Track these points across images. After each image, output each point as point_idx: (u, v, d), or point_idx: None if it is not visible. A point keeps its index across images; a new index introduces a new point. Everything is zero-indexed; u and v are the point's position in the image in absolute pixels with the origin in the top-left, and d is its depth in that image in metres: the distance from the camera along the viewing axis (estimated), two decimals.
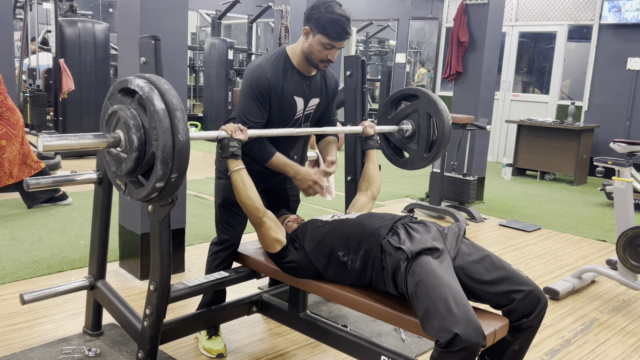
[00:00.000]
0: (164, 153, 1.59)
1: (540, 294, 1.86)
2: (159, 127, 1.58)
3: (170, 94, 1.63)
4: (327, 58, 2.22)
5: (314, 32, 2.19)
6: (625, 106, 7.38)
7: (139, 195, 1.71)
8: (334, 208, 5.02)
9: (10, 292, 2.92)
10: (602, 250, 4.30)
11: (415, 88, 2.70)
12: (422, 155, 2.66)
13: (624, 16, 7.22)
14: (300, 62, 2.28)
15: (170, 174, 1.62)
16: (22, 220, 4.13)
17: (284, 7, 7.15)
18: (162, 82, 1.66)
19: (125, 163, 1.69)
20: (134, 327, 2.13)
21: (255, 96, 2.20)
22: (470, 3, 5.43)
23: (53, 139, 1.61)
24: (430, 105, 2.60)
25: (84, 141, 1.67)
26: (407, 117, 2.69)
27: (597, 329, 2.92)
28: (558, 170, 7.14)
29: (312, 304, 2.90)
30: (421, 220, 2.02)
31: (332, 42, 2.17)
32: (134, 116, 1.65)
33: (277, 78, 2.23)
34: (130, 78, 1.68)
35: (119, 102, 1.72)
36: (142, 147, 1.65)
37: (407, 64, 9.82)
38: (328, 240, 2.04)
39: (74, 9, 7.08)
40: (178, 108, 1.62)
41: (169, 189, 1.66)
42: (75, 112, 6.70)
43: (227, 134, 2.00)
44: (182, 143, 1.60)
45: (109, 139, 1.70)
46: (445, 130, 2.57)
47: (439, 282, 1.70)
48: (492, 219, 5.10)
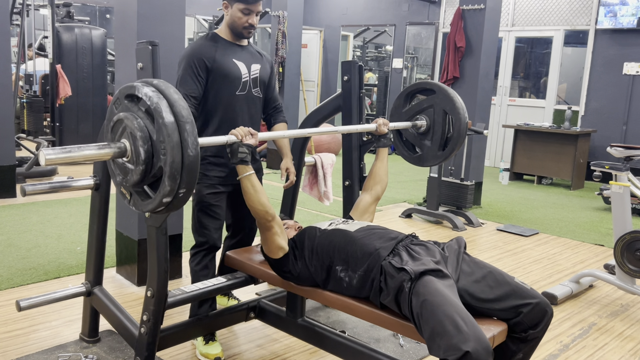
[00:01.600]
0: (172, 169, 1.51)
1: (547, 306, 1.85)
2: (167, 142, 1.50)
3: (179, 105, 1.54)
4: (249, 23, 2.45)
5: (232, 3, 2.43)
6: (622, 111, 7.40)
7: (145, 208, 1.64)
8: (332, 213, 5.02)
9: (7, 298, 2.90)
10: (600, 255, 4.31)
11: (432, 82, 2.63)
12: (435, 153, 2.61)
13: (619, 21, 7.25)
14: (228, 35, 2.52)
15: (178, 189, 1.55)
16: (19, 226, 4.12)
17: (281, 13, 7.15)
18: (171, 90, 1.57)
19: (131, 175, 1.62)
20: (131, 333, 2.12)
21: (187, 69, 2.39)
22: (467, 8, 5.45)
23: (55, 152, 1.52)
24: (447, 101, 2.54)
25: (87, 152, 1.59)
26: (421, 112, 2.62)
27: (596, 333, 2.91)
28: (555, 175, 7.15)
29: (310, 310, 2.89)
30: (422, 242, 2.01)
31: (249, 7, 2.42)
32: (141, 127, 1.56)
33: (209, 49, 2.44)
34: (138, 85, 1.59)
35: (125, 108, 1.64)
36: (149, 161, 1.57)
37: (404, 69, 9.84)
38: (326, 254, 2.02)
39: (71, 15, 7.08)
40: (188, 121, 1.53)
41: (177, 203, 1.60)
42: (72, 118, 6.69)
43: (237, 138, 1.94)
44: (191, 158, 1.52)
45: (114, 149, 1.61)
46: (462, 128, 2.52)
47: (444, 300, 1.67)
48: (490, 223, 5.10)
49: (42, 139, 5.96)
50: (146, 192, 1.64)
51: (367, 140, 2.70)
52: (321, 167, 3.01)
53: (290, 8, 7.20)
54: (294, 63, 7.40)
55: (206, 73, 2.41)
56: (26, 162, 5.75)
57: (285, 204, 2.97)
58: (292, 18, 7.25)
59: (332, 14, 10.66)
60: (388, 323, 1.88)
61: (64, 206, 4.76)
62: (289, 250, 2.10)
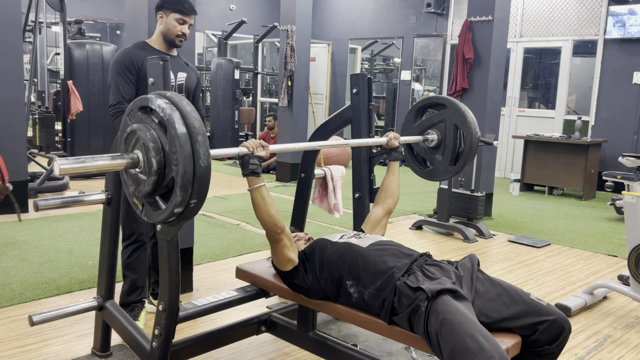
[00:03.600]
0: (183, 179, 1.53)
1: (565, 322, 1.82)
2: (179, 153, 1.52)
3: (192, 117, 1.56)
4: (182, 32, 2.66)
5: (167, 13, 2.63)
6: (633, 120, 7.36)
7: (157, 219, 1.66)
8: (342, 225, 5.01)
9: (19, 313, 2.92)
10: (614, 266, 4.26)
11: (443, 97, 2.64)
12: (447, 167, 2.60)
13: (628, 31, 7.23)
14: (159, 44, 2.70)
15: (189, 199, 1.56)
16: (31, 241, 4.14)
17: (289, 27, 7.20)
18: (184, 102, 1.60)
19: (143, 185, 1.64)
20: (143, 347, 2.12)
21: (120, 72, 2.58)
22: (475, 20, 5.46)
23: (69, 162, 1.54)
24: (458, 116, 2.54)
25: (101, 163, 1.61)
26: (432, 126, 2.62)
27: (611, 345, 2.87)
28: (566, 185, 7.10)
29: (322, 323, 2.88)
30: (436, 262, 2.00)
31: (184, 17, 2.63)
32: (153, 138, 1.59)
33: (138, 55, 2.62)
34: (151, 97, 1.62)
35: (138, 120, 1.67)
36: (161, 171, 1.59)
37: (412, 81, 9.85)
38: (336, 268, 2.02)
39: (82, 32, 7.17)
40: (200, 132, 1.55)
41: (187, 214, 1.62)
42: (83, 133, 6.75)
43: (248, 150, 1.96)
44: (202, 169, 1.54)
45: (127, 160, 1.64)
46: (473, 143, 2.52)
47: (464, 319, 1.66)
48: (501, 235, 5.07)
49: (54, 154, 6.01)
50: (158, 202, 1.66)
51: (377, 153, 2.70)
52: (331, 180, 3.01)
53: (298, 22, 7.25)
54: (302, 76, 7.43)
55: (136, 76, 2.59)
56: (38, 178, 5.80)
57: (295, 216, 2.97)
58: (301, 32, 7.30)
59: (340, 27, 10.72)
60: (400, 336, 1.87)
61: (75, 221, 4.79)
62: (299, 263, 2.09)
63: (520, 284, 3.67)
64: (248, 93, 10.17)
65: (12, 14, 4.78)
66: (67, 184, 5.91)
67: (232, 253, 4.10)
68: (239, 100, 9.34)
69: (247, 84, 10.36)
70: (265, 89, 11.61)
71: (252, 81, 10.27)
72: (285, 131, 7.48)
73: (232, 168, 8.42)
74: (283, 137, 7.51)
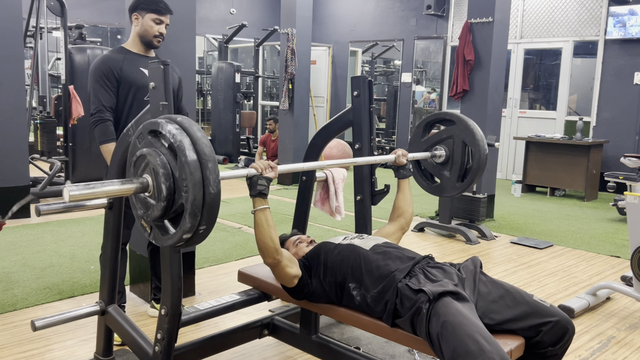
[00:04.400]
0: (193, 206, 1.52)
1: (568, 324, 1.82)
2: (189, 180, 1.51)
3: (202, 143, 1.55)
4: (159, 32, 2.64)
5: (143, 14, 2.62)
6: (634, 120, 7.35)
7: (165, 243, 1.65)
8: (344, 228, 5.00)
9: (22, 318, 2.92)
10: (617, 267, 4.25)
11: (451, 113, 2.61)
12: (454, 184, 2.58)
13: (629, 31, 7.23)
14: (136, 46, 2.69)
15: (198, 226, 1.56)
16: (33, 246, 4.15)
17: (290, 30, 7.21)
18: (194, 128, 1.58)
19: (152, 210, 1.63)
20: (146, 352, 2.12)
21: (98, 80, 2.58)
22: (475, 22, 5.46)
23: (78, 188, 1.54)
24: (467, 133, 2.52)
25: (111, 188, 1.60)
26: (441, 142, 2.60)
27: (615, 347, 2.86)
28: (568, 186, 7.10)
29: (324, 326, 2.87)
30: (439, 264, 2.00)
31: (159, 17, 2.61)
32: (163, 164, 1.57)
33: (116, 60, 2.62)
34: (162, 122, 1.60)
35: (148, 144, 1.65)
36: (170, 197, 1.58)
37: (412, 83, 9.86)
38: (339, 270, 2.01)
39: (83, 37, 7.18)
40: (210, 159, 1.54)
41: (196, 239, 1.61)
42: (84, 138, 6.74)
43: (257, 171, 1.94)
44: (212, 196, 1.53)
45: (137, 184, 1.63)
46: (481, 160, 2.49)
47: (466, 321, 1.66)
48: (503, 236, 5.06)
49: (56, 159, 6.01)
50: (166, 226, 1.65)
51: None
52: (332, 182, 3.01)
53: (298, 25, 7.26)
54: (303, 79, 7.44)
55: (116, 82, 2.60)
56: (40, 183, 5.81)
57: (297, 219, 2.96)
58: (301, 35, 7.31)
59: (341, 30, 10.74)
60: (403, 339, 1.86)
61: (77, 225, 4.79)
62: (302, 273, 2.08)
63: (523, 286, 3.66)
64: (249, 96, 10.18)
65: (13, 19, 4.79)
66: None
67: (234, 257, 4.09)
68: (240, 104, 9.35)
69: (248, 88, 10.38)
70: (266, 92, 11.63)
71: (253, 84, 10.29)
72: (286, 134, 7.48)
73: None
74: (284, 140, 7.51)
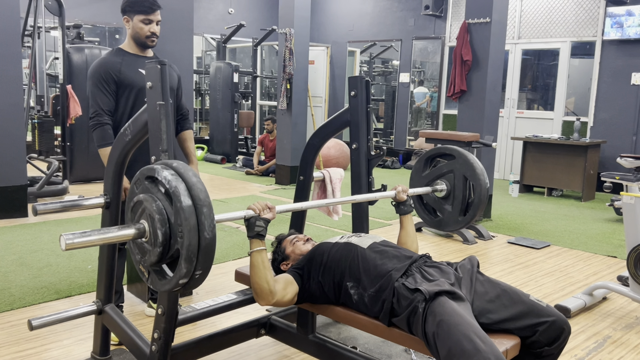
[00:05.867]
0: (188, 252, 1.53)
1: (564, 323, 1.82)
2: (184, 225, 1.53)
3: (197, 188, 1.56)
4: (151, 32, 2.64)
5: (132, 17, 2.62)
6: (631, 121, 7.37)
7: (162, 288, 1.67)
8: (341, 228, 5.01)
9: (19, 318, 2.92)
10: (613, 267, 4.26)
11: (452, 148, 2.62)
12: (456, 218, 2.58)
13: (626, 32, 7.25)
14: (132, 47, 2.70)
15: (194, 271, 1.57)
16: (30, 245, 4.14)
17: (288, 30, 7.21)
18: (189, 174, 1.59)
19: (149, 255, 1.64)
20: (142, 351, 2.12)
21: (97, 83, 2.58)
22: (473, 22, 5.47)
23: (75, 236, 1.53)
24: (467, 167, 2.53)
25: (108, 235, 1.61)
26: (442, 176, 2.61)
27: (611, 346, 2.87)
28: (565, 187, 7.11)
29: (321, 326, 2.88)
30: (436, 264, 2.00)
31: (148, 17, 2.61)
32: (159, 210, 1.59)
33: (114, 63, 2.62)
34: (158, 168, 1.62)
35: (145, 189, 1.66)
36: (166, 243, 1.59)
37: (410, 83, 9.87)
38: (337, 268, 2.02)
39: (81, 36, 7.18)
40: (205, 204, 1.55)
41: (193, 284, 1.63)
42: (82, 137, 6.75)
43: (254, 212, 1.91)
44: (207, 240, 1.54)
45: (134, 230, 1.64)
46: (482, 194, 2.50)
47: (461, 320, 1.66)
48: (501, 236, 5.07)
49: (53, 159, 6.01)
50: (163, 271, 1.67)
51: (375, 155, 2.70)
52: (330, 182, 3.02)
53: (297, 25, 7.27)
54: (301, 79, 7.44)
55: (115, 85, 2.59)
56: (37, 182, 5.81)
57: (294, 219, 2.97)
58: (299, 35, 7.32)
59: (339, 30, 10.74)
60: (399, 338, 1.87)
61: (74, 225, 4.79)
62: (299, 285, 2.06)
63: (520, 286, 3.67)
64: (247, 96, 10.19)
65: (11, 18, 4.79)
66: (66, 188, 5.91)
67: (232, 256, 4.10)
68: (238, 104, 9.35)
69: (246, 87, 10.38)
70: (264, 92, 11.63)
71: (251, 84, 10.29)
72: (284, 134, 7.49)
73: (231, 171, 8.43)
74: (282, 140, 7.52)
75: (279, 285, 1.99)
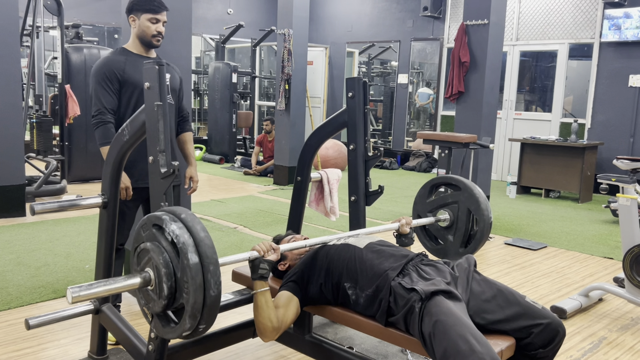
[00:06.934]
0: (193, 309, 1.53)
1: (559, 326, 1.83)
2: (190, 283, 1.52)
3: (205, 244, 1.55)
4: (157, 31, 2.63)
5: (138, 16, 2.62)
6: (629, 123, 7.39)
7: (166, 336, 1.68)
8: (339, 228, 5.02)
9: (16, 317, 2.92)
10: (609, 268, 4.27)
11: (457, 179, 2.61)
12: (457, 250, 2.58)
13: (624, 34, 7.27)
14: (136, 47, 2.69)
15: (198, 325, 1.57)
16: (28, 244, 4.15)
17: (286, 31, 7.22)
18: (197, 228, 1.58)
19: (153, 304, 1.64)
20: (139, 351, 2.12)
21: (101, 82, 2.58)
22: (471, 24, 5.49)
23: (82, 289, 1.53)
24: (472, 201, 2.53)
25: (115, 286, 1.60)
26: (446, 205, 2.61)
27: (606, 347, 2.89)
28: (563, 188, 7.13)
29: (318, 326, 2.89)
30: (432, 262, 2.01)
31: (155, 16, 2.61)
32: (166, 263, 1.58)
33: (118, 62, 2.63)
34: (166, 219, 1.60)
35: (151, 237, 1.65)
36: (172, 296, 1.59)
37: (409, 84, 9.89)
38: (336, 269, 2.02)
39: (80, 36, 7.18)
40: (212, 261, 1.55)
41: (195, 334, 1.64)
42: (81, 137, 6.75)
43: (258, 254, 1.92)
44: (213, 298, 1.54)
45: (140, 279, 1.63)
46: (485, 229, 2.49)
47: (457, 320, 1.67)
48: (498, 237, 5.08)
49: (52, 158, 6.02)
50: (168, 318, 1.67)
51: (373, 156, 2.71)
52: (327, 183, 3.03)
53: (295, 26, 7.28)
54: (300, 80, 7.45)
55: (118, 84, 2.60)
56: (35, 181, 5.81)
57: (292, 219, 2.98)
58: (298, 36, 7.33)
59: (338, 31, 10.76)
60: (396, 339, 1.88)
61: (72, 224, 4.79)
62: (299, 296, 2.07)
63: (517, 287, 3.68)
64: (246, 97, 10.19)
65: (9, 18, 4.79)
66: (64, 188, 5.91)
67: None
68: (237, 104, 9.35)
69: (245, 88, 10.39)
70: (263, 93, 11.64)
71: (249, 85, 10.29)
72: (282, 135, 7.50)
73: (230, 171, 8.44)
74: (280, 141, 7.52)
75: (280, 312, 1.99)
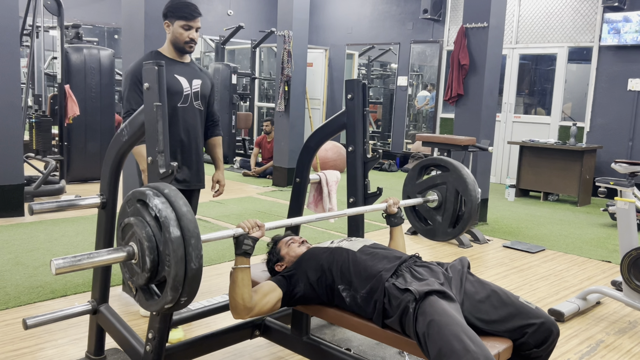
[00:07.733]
0: (175, 281, 1.57)
1: (552, 325, 1.84)
2: (172, 256, 1.56)
3: (187, 219, 1.59)
4: (190, 38, 2.68)
5: (172, 22, 2.66)
6: (627, 127, 7.40)
7: (148, 308, 1.70)
8: (337, 230, 5.02)
9: (14, 317, 2.92)
10: (607, 271, 4.28)
11: (446, 160, 2.64)
12: (445, 230, 2.62)
13: (623, 38, 7.28)
14: (170, 52, 2.73)
15: (179, 297, 1.60)
16: (26, 244, 4.14)
17: (286, 32, 7.23)
18: (180, 202, 1.61)
19: (137, 277, 1.67)
20: (137, 351, 2.12)
21: (132, 84, 2.63)
22: (470, 26, 5.49)
23: (65, 261, 1.55)
24: (460, 182, 2.56)
25: (98, 259, 1.63)
26: (435, 186, 2.65)
27: (604, 351, 2.89)
28: (561, 191, 7.13)
29: (316, 328, 2.89)
30: (425, 263, 2.01)
31: (188, 23, 2.64)
32: (149, 237, 1.61)
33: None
34: (149, 194, 1.63)
35: (136, 212, 1.68)
36: (154, 269, 1.62)
37: (408, 86, 9.89)
38: (329, 272, 2.03)
39: (80, 36, 7.18)
40: (194, 235, 1.58)
41: (177, 308, 1.67)
42: (80, 137, 6.75)
43: (243, 230, 1.92)
44: (194, 271, 1.58)
45: (124, 253, 1.66)
46: (472, 210, 2.53)
47: (451, 320, 1.68)
48: (496, 240, 5.08)
49: (51, 158, 6.01)
50: (151, 291, 1.70)
51: (372, 158, 2.72)
52: (326, 184, 3.03)
53: (295, 28, 7.28)
54: (299, 81, 7.46)
55: None
56: (34, 181, 5.81)
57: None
58: (298, 37, 7.33)
59: (337, 33, 10.77)
60: (393, 341, 1.88)
61: (71, 224, 4.79)
62: (285, 289, 2.06)
63: (515, 290, 3.68)
64: (245, 98, 10.20)
65: (10, 18, 4.79)
66: (63, 188, 5.91)
67: (227, 257, 4.10)
68: (236, 105, 9.36)
69: (245, 89, 10.39)
70: (263, 94, 11.64)
71: (249, 86, 10.30)
72: (282, 136, 7.50)
73: (229, 173, 8.44)
74: (280, 142, 7.53)
75: (257, 296, 1.98)
